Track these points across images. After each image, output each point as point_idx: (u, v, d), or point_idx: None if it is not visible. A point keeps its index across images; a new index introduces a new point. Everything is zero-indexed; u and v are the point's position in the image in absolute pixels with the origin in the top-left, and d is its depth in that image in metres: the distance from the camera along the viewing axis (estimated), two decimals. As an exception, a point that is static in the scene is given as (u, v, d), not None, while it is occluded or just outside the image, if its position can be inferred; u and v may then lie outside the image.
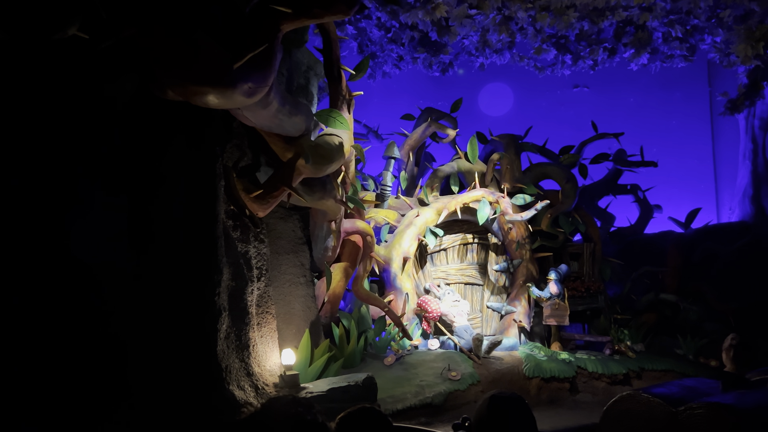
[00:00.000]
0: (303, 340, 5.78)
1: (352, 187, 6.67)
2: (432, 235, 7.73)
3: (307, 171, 5.25)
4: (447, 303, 7.43)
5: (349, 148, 5.84)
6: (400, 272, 7.63)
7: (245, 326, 4.68)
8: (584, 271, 8.46)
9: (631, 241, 9.71)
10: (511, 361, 6.98)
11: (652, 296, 8.47)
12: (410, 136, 8.44)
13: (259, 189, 5.06)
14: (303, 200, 5.57)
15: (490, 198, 7.81)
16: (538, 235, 8.32)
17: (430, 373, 6.39)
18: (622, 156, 9.55)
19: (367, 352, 7.16)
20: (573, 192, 8.38)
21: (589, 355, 7.47)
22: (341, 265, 6.99)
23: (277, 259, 6.15)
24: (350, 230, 6.67)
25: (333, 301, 6.89)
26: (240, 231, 5.16)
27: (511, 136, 8.75)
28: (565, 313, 7.36)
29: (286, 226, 6.30)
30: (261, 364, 5.01)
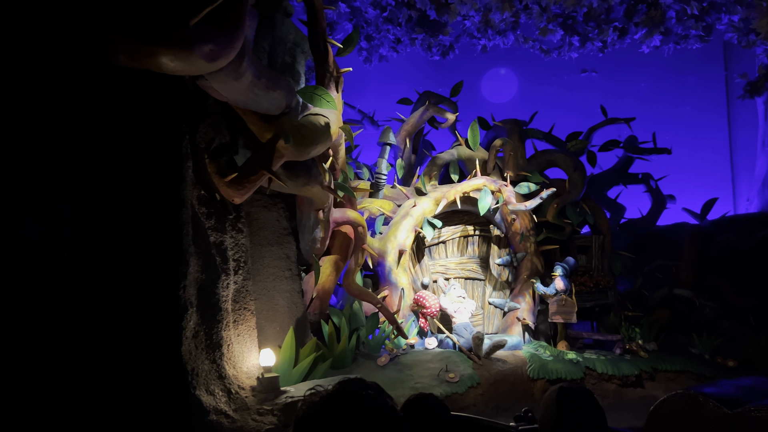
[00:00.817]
0: (287, 338, 5.37)
1: (342, 173, 6.24)
2: (430, 226, 7.30)
3: (288, 153, 4.83)
4: (450, 298, 7.00)
5: (336, 130, 5.41)
6: (396, 266, 7.21)
7: (218, 324, 4.27)
8: (593, 265, 8.02)
9: (643, 233, 9.25)
10: (514, 361, 6.55)
11: (666, 292, 8.05)
12: (407, 121, 8.01)
13: (239, 172, 4.64)
14: (285, 186, 5.15)
15: (491, 186, 7.37)
16: (544, 227, 7.88)
17: (426, 375, 5.98)
18: (633, 143, 9.08)
19: (360, 352, 6.75)
20: (581, 181, 7.93)
21: (598, 354, 7.04)
22: (331, 258, 6.58)
23: (259, 251, 5.74)
24: (340, 220, 6.24)
25: (322, 296, 6.48)
26: (215, 219, 4.75)
27: (515, 122, 8.30)
28: (572, 310, 6.92)
29: (270, 216, 5.88)
30: (237, 366, 4.60)
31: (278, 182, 4.81)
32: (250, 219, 5.76)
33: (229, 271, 4.74)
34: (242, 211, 5.16)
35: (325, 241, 6.28)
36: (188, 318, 3.87)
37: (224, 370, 4.27)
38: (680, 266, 8.27)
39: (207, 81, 3.88)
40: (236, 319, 4.78)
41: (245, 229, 5.15)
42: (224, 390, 4.19)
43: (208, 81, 3.88)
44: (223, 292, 4.60)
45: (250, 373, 4.72)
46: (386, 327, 6.76)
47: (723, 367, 7.13)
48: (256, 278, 5.66)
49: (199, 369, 3.95)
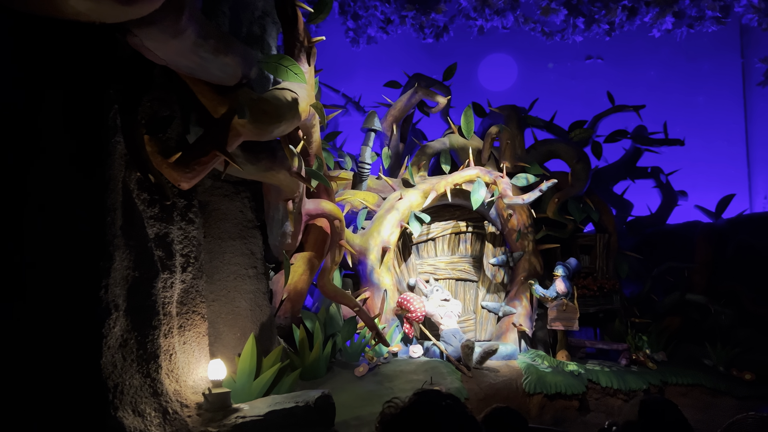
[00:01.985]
0: (246, 346, 4.77)
1: (317, 160, 5.63)
2: (417, 221, 6.69)
3: (246, 132, 4.23)
4: (434, 302, 6.40)
5: (306, 108, 4.80)
6: (378, 265, 6.61)
7: (154, 330, 3.66)
8: (597, 266, 7.44)
9: (652, 232, 8.67)
10: (508, 372, 5.95)
11: (677, 297, 7.49)
12: (393, 106, 7.41)
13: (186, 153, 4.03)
14: (244, 171, 4.55)
15: (486, 178, 6.77)
16: (543, 224, 7.29)
17: (408, 388, 5.36)
18: (642, 133, 8.48)
19: (337, 360, 6.16)
20: (585, 174, 7.33)
21: (602, 365, 6.45)
22: (305, 255, 5.98)
23: (219, 245, 5.14)
24: (313, 213, 5.64)
25: (294, 298, 5.89)
26: (159, 207, 4.14)
27: (513, 108, 7.71)
28: (573, 316, 6.32)
29: (232, 206, 5.28)
30: (181, 380, 4.00)
31: (235, 166, 4.19)
32: (208, 209, 5.16)
33: (174, 269, 4.13)
34: (194, 199, 4.55)
35: (297, 235, 5.68)
36: (111, 323, 3.26)
37: (161, 385, 3.66)
38: (693, 269, 7.72)
39: (138, 38, 3.27)
40: (182, 325, 4.18)
41: (198, 219, 4.54)
42: (159, 409, 3.58)
43: (139, 38, 3.26)
44: (165, 292, 3.99)
45: (197, 387, 4.12)
46: (366, 333, 6.17)
47: (739, 381, 6.64)
48: (214, 277, 5.06)
49: (126, 385, 3.34)
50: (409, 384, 5.46)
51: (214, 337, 4.96)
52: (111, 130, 3.42)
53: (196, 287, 4.37)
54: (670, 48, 9.95)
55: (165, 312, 3.98)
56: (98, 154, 3.32)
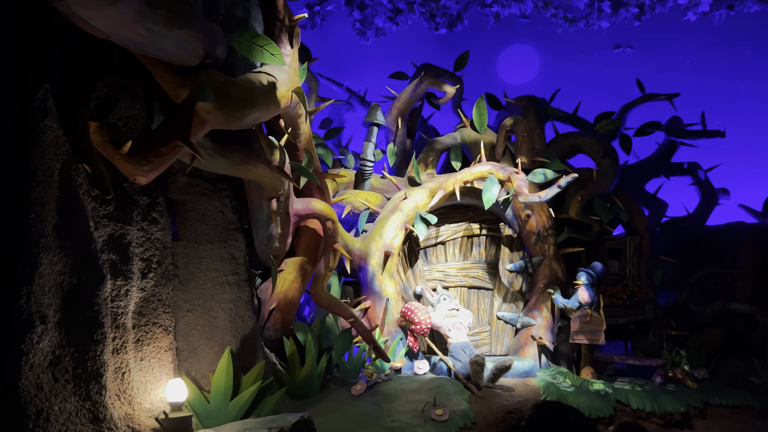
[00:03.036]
0: (221, 362, 4.30)
1: (306, 154, 5.15)
2: (423, 223, 6.15)
3: (212, 119, 3.77)
4: (441, 312, 5.84)
5: (287, 94, 4.34)
6: (380, 271, 6.09)
7: (96, 345, 3.21)
8: (627, 272, 6.80)
9: (690, 234, 7.96)
10: (524, 392, 5.35)
11: (719, 306, 6.86)
12: (398, 97, 6.90)
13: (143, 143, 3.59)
14: (213, 164, 4.10)
15: (499, 174, 6.19)
16: (566, 225, 6.66)
17: (408, 410, 4.83)
18: (677, 125, 7.78)
19: (333, 377, 5.64)
20: (612, 169, 6.71)
21: (632, 384, 5.79)
22: (296, 261, 5.51)
23: (195, 250, 4.70)
24: (302, 213, 5.15)
25: (284, 308, 5.41)
26: (115, 205, 3.71)
27: (532, 99, 7.13)
28: (599, 329, 5.68)
29: (211, 206, 4.84)
30: (135, 402, 3.54)
31: (199, 158, 3.73)
32: (183, 210, 4.73)
33: (130, 275, 3.69)
34: (160, 197, 4.12)
35: (286, 238, 5.20)
36: (35, 338, 2.82)
37: (105, 409, 3.21)
38: (737, 275, 7.02)
39: (65, 3, 2.84)
40: (140, 339, 3.73)
41: (163, 219, 4.11)
42: (100, 438, 3.12)
43: (67, 3, 2.83)
44: (118, 302, 3.56)
45: (156, 410, 3.65)
46: (366, 346, 5.64)
47: (793, 402, 5.87)
48: (189, 285, 4.62)
49: (54, 410, 2.89)
50: (409, 405, 4.91)
51: (187, 352, 4.52)
52: (39, 113, 2.99)
53: (158, 296, 3.92)
54: (708, 33, 9.19)
55: (117, 324, 3.54)
56: (21, 140, 2.89)
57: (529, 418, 1.73)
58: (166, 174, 4.62)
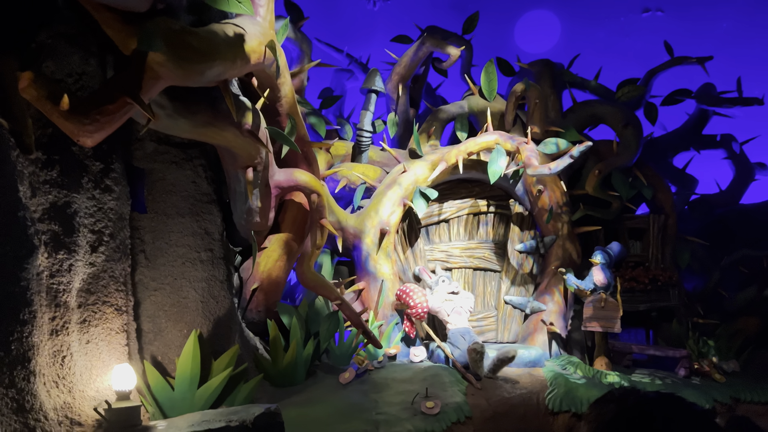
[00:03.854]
0: (187, 346, 3.96)
1: (289, 120, 4.73)
2: (422, 198, 5.70)
3: (167, 73, 3.38)
4: (440, 295, 5.40)
5: (258, 48, 3.91)
6: (375, 251, 5.67)
7: (23, 326, 2.87)
8: (650, 254, 6.27)
9: (722, 213, 7.34)
10: (529, 383, 4.90)
11: (753, 293, 6.35)
12: (399, 62, 6.43)
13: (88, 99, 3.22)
14: (170, 125, 3.70)
15: (507, 145, 5.69)
16: (582, 202, 6.13)
17: (397, 402, 4.43)
18: (709, 92, 7.12)
19: (322, 364, 5.28)
20: (635, 140, 6.14)
21: (653, 377, 5.30)
22: (280, 238, 5.13)
23: (164, 223, 4.35)
24: (284, 185, 4.75)
25: (268, 288, 5.05)
26: (59, 169, 3.36)
27: (547, 63, 6.59)
28: (614, 315, 5.18)
29: (182, 176, 4.47)
30: (76, 389, 3.20)
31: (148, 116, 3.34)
32: (152, 179, 4.37)
33: (75, 248, 3.34)
34: (115, 163, 3.75)
35: (267, 212, 4.81)
36: (-61, 317, 2.46)
37: (34, 397, 2.87)
38: (774, 258, 6.40)
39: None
40: (86, 319, 3.38)
41: (119, 188, 3.75)
42: (25, 430, 2.78)
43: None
44: (59, 277, 3.23)
45: (102, 399, 3.31)
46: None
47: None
48: (157, 261, 4.28)
49: (-35, 399, 2.55)
50: (399, 396, 4.51)
51: (153, 335, 4.20)
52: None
53: (111, 272, 3.57)
54: (747, -7, 8.44)
55: (57, 302, 3.20)
56: None
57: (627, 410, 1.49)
58: (130, 139, 4.28)
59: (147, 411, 3.64)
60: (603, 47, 9.31)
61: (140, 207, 4.36)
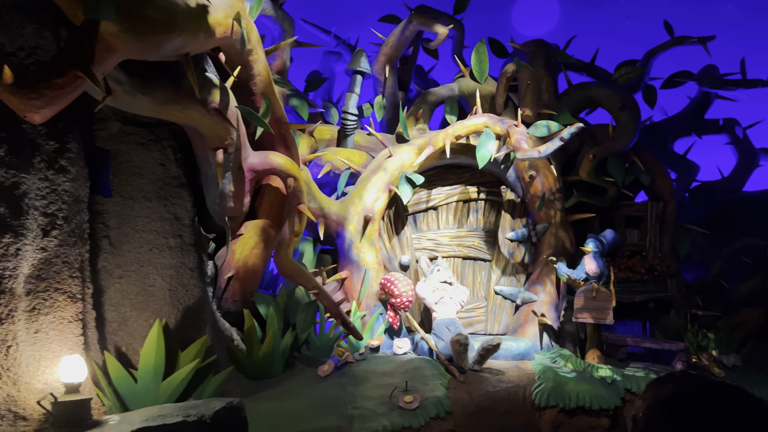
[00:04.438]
0: (150, 336, 3.79)
1: (264, 100, 4.53)
2: (408, 184, 5.49)
3: (122, 45, 3.20)
4: (432, 284, 5.20)
5: (224, 21, 3.71)
6: (359, 238, 5.48)
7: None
8: (647, 242, 6.06)
9: (725, 201, 7.10)
10: (516, 377, 4.71)
11: (757, 283, 6.09)
12: (386, 42, 6.20)
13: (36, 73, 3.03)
14: (128, 102, 3.51)
15: (496, 128, 5.47)
16: (575, 188, 5.91)
17: (375, 395, 4.25)
18: (712, 74, 6.85)
19: (302, 355, 5.10)
20: (632, 124, 5.91)
21: (647, 370, 5.10)
22: (257, 224, 4.95)
23: (130, 207, 4.19)
24: (259, 168, 4.55)
25: (244, 276, 4.88)
26: (6, 149, 3.18)
27: (541, 44, 6.36)
28: (607, 306, 4.97)
29: (149, 158, 4.29)
30: (22, 381, 3.05)
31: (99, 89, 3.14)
32: (117, 161, 4.19)
33: (24, 231, 3.17)
34: (72, 142, 3.55)
35: (242, 197, 4.63)
36: None
37: (-30, 390, 2.69)
38: (778, 248, 6.16)
39: None
40: (36, 307, 3.21)
41: (75, 169, 3.56)
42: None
43: None
44: (7, 263, 3.11)
45: (52, 391, 3.13)
46: (339, 322, 5.06)
47: (840, 395, 5.08)
48: (122, 248, 4.11)
49: None
50: (377, 390, 4.33)
51: (117, 324, 4.04)
52: None
53: (65, 258, 3.39)
54: (754, -28, 8.14)
55: (2, 288, 3.02)
56: None
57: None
58: (92, 119, 4.09)
59: (103, 404, 3.46)
60: (603, 30, 9.04)
61: (105, 190, 4.18)
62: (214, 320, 4.58)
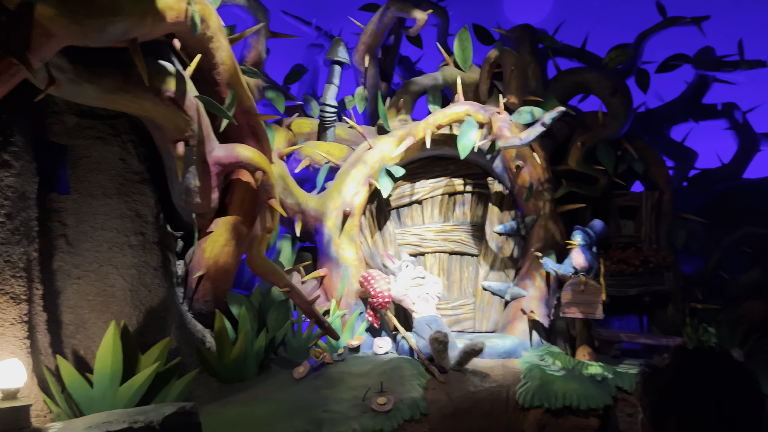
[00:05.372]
0: (106, 338, 3.62)
1: (230, 90, 4.35)
2: (387, 177, 5.30)
3: (61, 30, 3.05)
4: (404, 281, 5.00)
5: (176, 6, 3.54)
6: (338, 234, 5.29)
7: None
8: (642, 233, 5.80)
9: (724, 189, 6.84)
10: (500, 376, 4.50)
11: (758, 275, 5.78)
12: (364, 30, 6.00)
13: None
14: (72, 91, 3.34)
15: (479, 116, 5.27)
16: (564, 178, 5.69)
17: (348, 398, 4.06)
18: (708, 56, 6.59)
19: (279, 357, 4.92)
20: (623, 109, 5.69)
21: (642, 367, 4.81)
22: (228, 221, 4.77)
23: (89, 204, 4.03)
24: (225, 161, 4.37)
25: (215, 276, 4.70)
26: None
27: (526, 28, 6.16)
28: (596, 300, 4.74)
29: (109, 152, 4.13)
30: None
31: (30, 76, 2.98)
32: (75, 156, 4.03)
33: (-41, 228, 2.99)
34: (16, 135, 3.39)
35: (209, 193, 4.45)
36: None
37: None
38: (781, 237, 5.90)
39: None
40: (-29, 308, 3.03)
41: (19, 163, 3.39)
42: None
43: None
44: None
45: (-9, 397, 2.96)
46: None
47: None
48: (80, 247, 3.96)
49: None
50: (351, 392, 4.14)
51: (75, 327, 3.88)
52: None
53: (7, 256, 3.23)
54: (753, -49, 7.88)
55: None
56: None
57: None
58: (45, 112, 3.94)
59: (51, 411, 3.29)
60: (598, 16, 8.80)
61: (61, 187, 4.03)
62: (182, 322, 4.40)
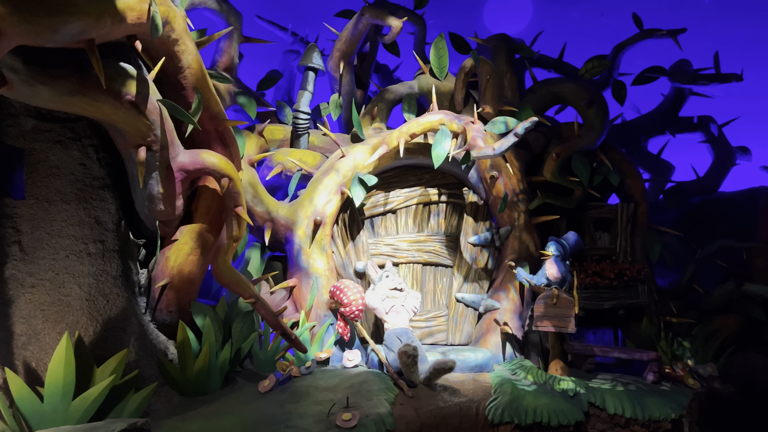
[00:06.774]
0: (58, 350, 3.48)
1: (197, 95, 4.26)
2: (360, 186, 5.23)
3: (12, 29, 2.95)
4: (381, 291, 4.93)
5: (137, 6, 3.45)
6: (308, 243, 5.20)
7: None
8: (617, 246, 5.79)
9: (699, 202, 6.86)
10: (471, 391, 4.42)
11: (732, 288, 5.80)
12: (339, 37, 5.95)
13: None
14: (25, 94, 3.24)
15: (453, 125, 5.23)
16: (539, 189, 5.67)
17: (313, 413, 3.96)
18: (684, 69, 6.64)
19: (245, 370, 4.81)
20: (599, 121, 5.69)
21: (615, 382, 4.81)
22: (193, 229, 4.65)
23: (46, 211, 3.91)
24: (190, 167, 4.27)
25: (180, 286, 4.58)
26: None
27: (502, 38, 6.14)
28: (568, 313, 4.69)
29: (68, 156, 4.02)
30: None
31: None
32: (32, 160, 3.92)
33: None
34: (-35, 138, 3.26)
35: (173, 200, 4.34)
36: None
37: None
38: (755, 250, 5.90)
39: None
40: None
41: (-32, 167, 3.25)
42: None
43: None
44: None
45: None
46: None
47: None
48: (35, 254, 3.83)
49: None
50: (316, 407, 4.03)
51: (27, 338, 3.74)
52: None
53: (-50, 264, 3.09)
54: (730, -34, 7.99)
55: None
56: None
57: None
58: (2, 114, 3.82)
59: (-5, 427, 3.16)
60: (577, 28, 8.85)
61: (16, 192, 3.90)
62: (143, 332, 4.28)
